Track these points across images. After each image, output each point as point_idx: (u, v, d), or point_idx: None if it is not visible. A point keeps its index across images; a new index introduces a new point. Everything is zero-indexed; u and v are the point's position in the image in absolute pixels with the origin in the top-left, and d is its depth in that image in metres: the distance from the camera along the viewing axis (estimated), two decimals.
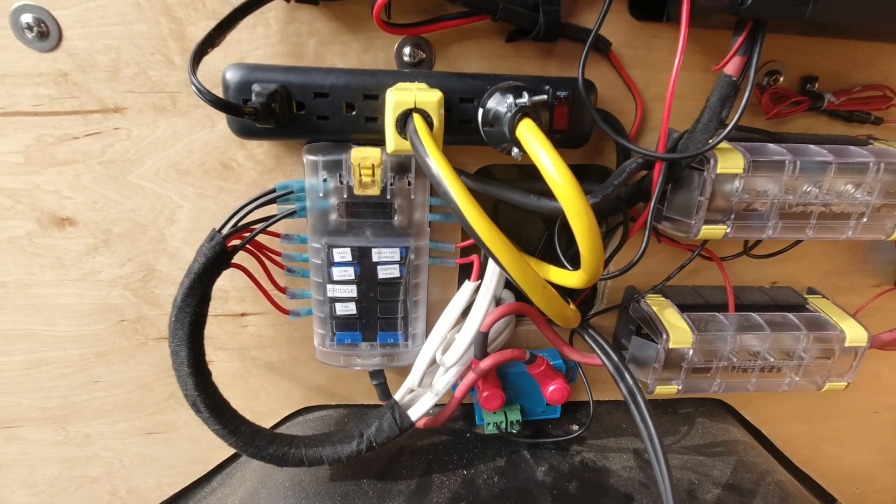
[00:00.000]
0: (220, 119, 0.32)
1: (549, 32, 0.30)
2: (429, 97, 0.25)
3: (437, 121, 0.26)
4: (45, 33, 0.29)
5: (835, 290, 0.43)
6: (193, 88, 0.25)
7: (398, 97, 0.25)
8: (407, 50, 0.31)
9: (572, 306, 0.32)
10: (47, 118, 0.31)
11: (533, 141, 0.24)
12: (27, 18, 0.29)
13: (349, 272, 0.34)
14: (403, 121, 0.25)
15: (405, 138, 0.26)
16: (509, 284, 0.37)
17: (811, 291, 0.43)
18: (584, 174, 0.38)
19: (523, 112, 0.26)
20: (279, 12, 0.30)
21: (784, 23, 0.28)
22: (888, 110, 0.37)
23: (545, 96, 0.26)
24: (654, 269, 0.40)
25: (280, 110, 0.28)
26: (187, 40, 0.30)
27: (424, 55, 0.32)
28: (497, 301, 0.38)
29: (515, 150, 0.27)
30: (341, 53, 0.31)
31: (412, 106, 0.25)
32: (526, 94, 0.26)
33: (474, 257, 0.35)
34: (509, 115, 0.26)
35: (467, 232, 0.24)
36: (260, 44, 0.31)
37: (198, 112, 0.32)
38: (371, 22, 0.29)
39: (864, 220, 0.34)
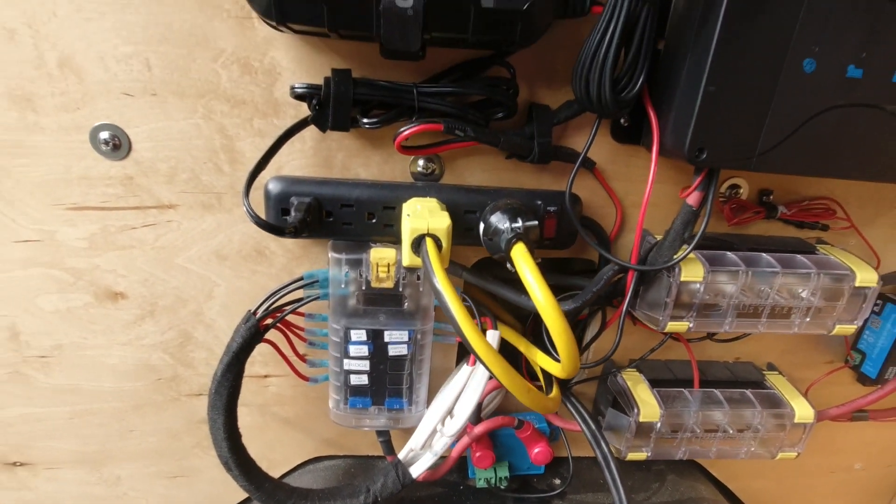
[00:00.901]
0: (258, 207, 0.37)
1: (543, 157, 0.35)
2: (439, 223, 0.31)
3: (446, 243, 0.31)
4: (118, 146, 0.35)
5: (792, 367, 0.49)
6: (246, 212, 0.30)
7: (414, 224, 0.30)
8: (421, 163, 0.37)
9: (554, 393, 0.37)
10: (112, 212, 0.37)
11: (523, 265, 0.30)
12: (104, 135, 0.34)
13: (364, 350, 0.39)
14: (418, 243, 0.31)
15: (418, 256, 0.31)
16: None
17: (770, 367, 0.48)
18: (571, 265, 0.44)
19: (517, 236, 0.31)
20: (314, 132, 0.36)
21: None
22: (833, 220, 0.42)
23: (535, 222, 0.32)
24: (631, 346, 0.45)
25: (312, 220, 0.34)
26: (235, 152, 0.36)
27: (435, 167, 0.37)
28: None
29: (509, 264, 0.32)
30: (364, 165, 0.37)
31: (425, 231, 0.30)
32: (520, 220, 0.32)
33: None
34: (506, 236, 0.32)
35: (463, 343, 0.29)
36: (296, 156, 0.36)
37: (240, 209, 0.37)
38: (391, 140, 0.35)
39: (808, 318, 0.39)
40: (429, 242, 0.30)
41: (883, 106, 0.30)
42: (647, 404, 0.41)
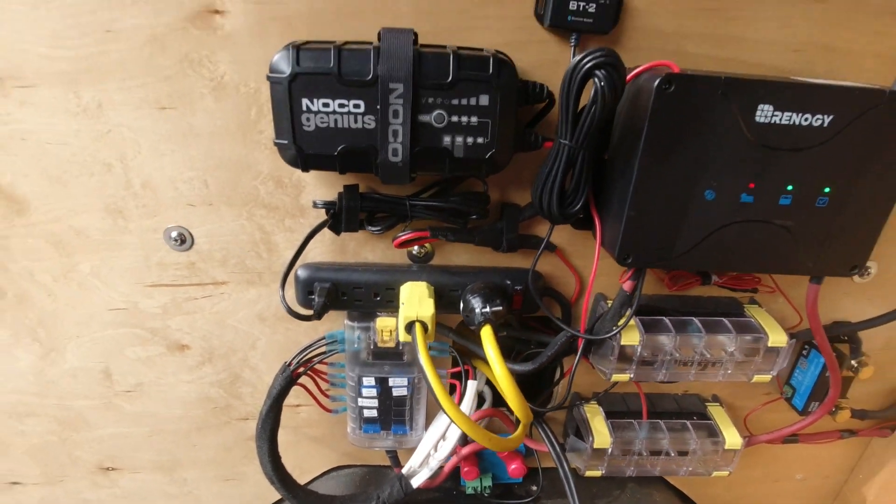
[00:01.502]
0: (290, 288, 0.48)
1: (510, 249, 0.45)
2: (426, 312, 0.40)
3: (431, 326, 0.41)
4: (184, 241, 0.45)
5: (735, 397, 0.58)
6: (282, 304, 0.40)
7: (406, 313, 0.40)
8: (416, 248, 0.47)
9: (516, 433, 0.46)
10: (180, 288, 0.48)
11: (487, 344, 0.40)
12: (174, 233, 0.45)
13: (373, 391, 0.49)
14: (409, 326, 0.41)
15: (410, 335, 0.41)
16: (489, 382, 0.53)
17: (714, 398, 0.57)
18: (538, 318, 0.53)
19: (486, 319, 0.41)
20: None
21: None
22: (760, 285, 0.50)
23: (500, 307, 0.41)
24: (594, 380, 0.55)
25: (330, 300, 0.44)
26: (271, 243, 0.46)
27: (428, 250, 0.47)
28: (480, 394, 0.53)
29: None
30: (371, 251, 0.47)
31: (415, 318, 0.40)
32: (488, 306, 0.41)
33: (458, 386, 0.50)
34: (478, 318, 0.41)
35: (438, 406, 0.39)
36: (319, 246, 0.46)
37: (275, 284, 0.48)
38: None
39: (730, 371, 0.48)
40: (417, 327, 0.40)
41: (772, 221, 0.39)
42: (601, 434, 0.51)
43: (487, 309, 0.41)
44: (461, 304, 0.44)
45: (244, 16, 0.38)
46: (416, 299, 0.42)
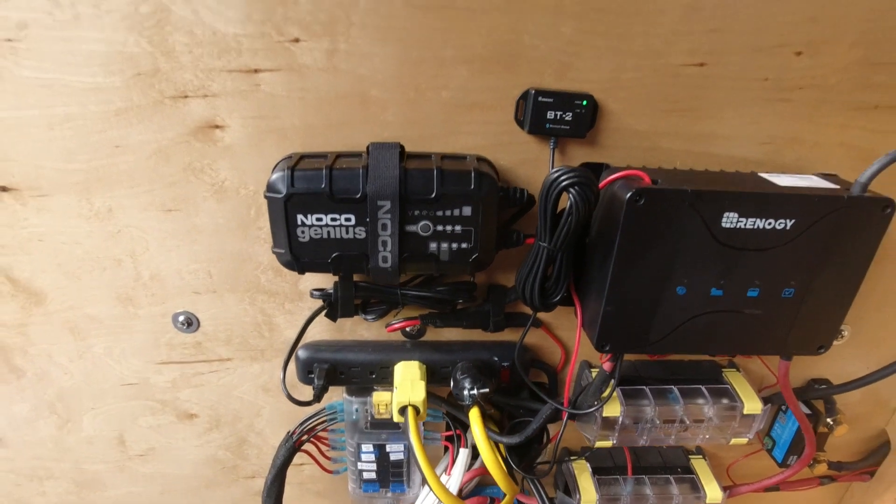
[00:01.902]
0: (291, 366, 0.50)
1: (496, 329, 0.47)
2: (417, 396, 0.43)
3: (423, 409, 0.43)
4: (191, 324, 0.48)
5: (718, 448, 0.60)
6: (283, 390, 0.43)
7: (399, 398, 0.43)
8: (408, 329, 0.49)
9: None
10: (188, 364, 0.51)
11: (475, 425, 0.42)
12: (181, 318, 0.48)
13: (371, 457, 0.52)
14: (402, 409, 0.43)
15: (403, 417, 0.44)
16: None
17: (698, 450, 0.60)
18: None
19: (474, 402, 0.44)
20: None
21: None
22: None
23: (487, 389, 0.44)
24: (583, 436, 0.57)
25: (328, 380, 0.47)
26: (273, 324, 0.49)
27: (420, 328, 0.50)
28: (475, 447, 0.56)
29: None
30: (367, 329, 0.50)
31: (407, 403, 0.43)
32: (475, 388, 0.44)
33: (450, 448, 0.53)
34: (466, 401, 0.44)
35: (427, 485, 0.42)
36: (318, 327, 0.49)
37: (277, 360, 0.51)
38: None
39: (708, 435, 0.50)
40: (410, 411, 0.43)
41: (741, 310, 0.41)
42: (587, 491, 0.54)
43: (475, 391, 0.44)
44: (451, 382, 0.47)
45: (242, 129, 0.40)
46: (408, 382, 0.45)
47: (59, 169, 0.41)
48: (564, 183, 0.36)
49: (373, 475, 0.54)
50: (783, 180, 0.41)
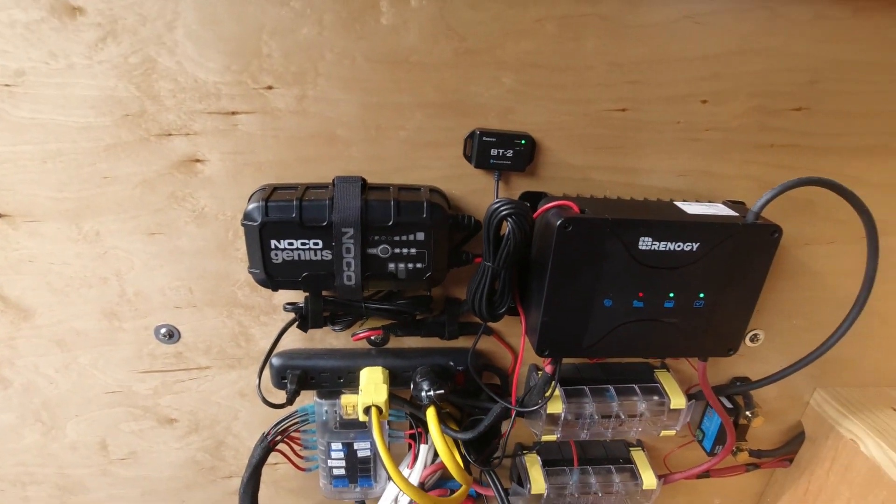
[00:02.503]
0: (266, 373, 0.55)
1: (451, 337, 0.53)
2: (380, 397, 0.48)
3: (385, 409, 0.49)
4: (172, 336, 0.52)
5: (656, 441, 0.67)
6: (258, 395, 0.48)
7: (363, 399, 0.48)
8: (372, 338, 0.54)
9: (458, 493, 0.55)
10: (168, 373, 0.55)
11: (431, 424, 0.48)
12: (163, 330, 0.52)
13: (341, 454, 0.57)
14: (367, 410, 0.48)
15: (367, 417, 0.49)
16: None
17: (639, 443, 0.67)
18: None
19: (431, 402, 0.49)
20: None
21: None
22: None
23: (442, 391, 0.50)
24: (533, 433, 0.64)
25: (300, 385, 0.51)
26: (249, 335, 0.53)
27: (383, 337, 0.55)
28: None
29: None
30: (335, 337, 0.55)
31: (371, 404, 0.48)
32: (432, 390, 0.49)
33: (413, 445, 0.58)
34: (424, 402, 0.49)
35: (390, 479, 0.47)
36: (288, 335, 0.54)
37: (253, 367, 0.55)
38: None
39: (640, 428, 0.57)
40: (373, 411, 0.48)
41: (660, 319, 0.48)
42: (537, 481, 0.60)
43: (431, 393, 0.50)
44: (412, 385, 0.53)
45: (221, 163, 0.45)
46: (372, 385, 0.50)
47: (51, 197, 0.45)
48: (503, 213, 0.42)
49: (342, 471, 0.59)
50: (693, 208, 0.48)
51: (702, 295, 0.47)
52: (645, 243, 0.44)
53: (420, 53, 0.42)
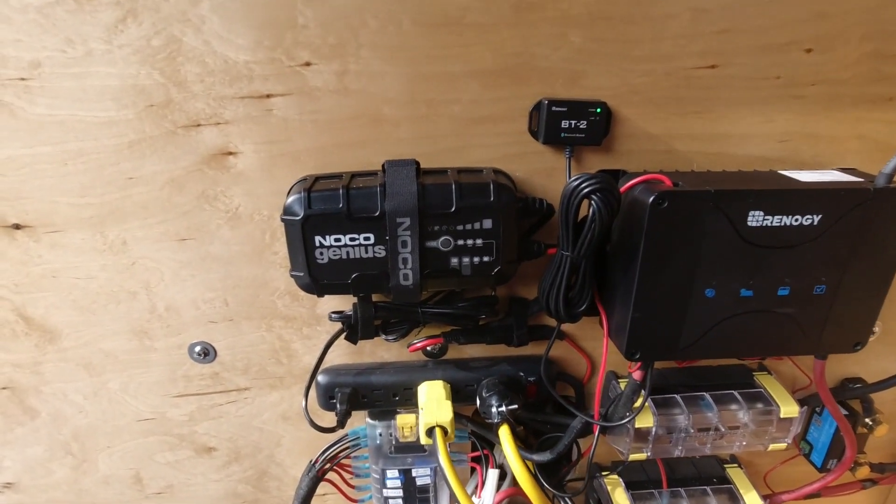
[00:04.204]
0: (312, 392, 0.49)
1: (520, 343, 0.46)
2: (444, 416, 0.42)
3: (451, 430, 0.42)
4: (207, 354, 0.47)
5: (753, 455, 0.58)
6: (305, 417, 0.42)
7: (426, 419, 0.42)
8: (429, 348, 0.48)
9: None
10: (205, 396, 0.49)
11: (506, 444, 0.41)
12: (197, 349, 0.47)
13: (397, 483, 0.51)
14: (430, 431, 0.42)
15: (430, 439, 0.42)
16: None
17: (733, 459, 0.58)
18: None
19: (504, 419, 0.42)
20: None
21: None
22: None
23: (515, 406, 0.43)
24: (613, 449, 0.56)
25: (351, 405, 0.45)
26: (290, 350, 0.48)
27: (442, 346, 0.48)
28: (502, 467, 0.54)
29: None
30: (387, 350, 0.49)
31: (434, 424, 0.42)
32: (504, 405, 0.43)
33: (478, 469, 0.51)
34: (494, 419, 0.43)
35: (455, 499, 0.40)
36: (337, 350, 0.48)
37: (297, 386, 0.50)
38: None
39: (745, 442, 0.49)
40: (438, 432, 0.41)
41: (773, 310, 0.40)
42: None
43: (503, 408, 0.43)
44: (477, 400, 0.46)
45: (255, 154, 0.40)
46: (434, 403, 0.43)
47: (72, 204, 0.40)
48: (586, 190, 0.35)
49: (399, 502, 0.52)
50: (804, 176, 0.40)
51: (823, 279, 0.39)
52: (755, 218, 0.37)
53: (475, 12, 0.37)
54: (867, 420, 0.53)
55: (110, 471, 0.53)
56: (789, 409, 0.48)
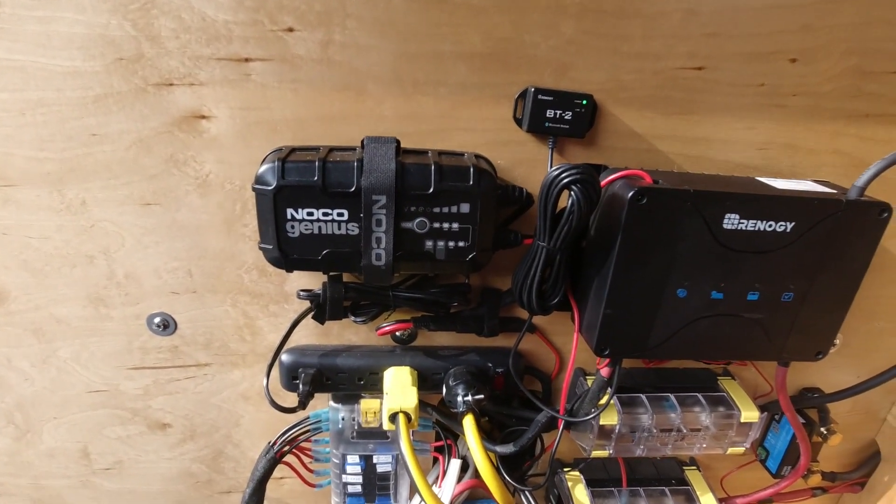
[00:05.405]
0: (275, 372, 0.48)
1: (491, 334, 0.46)
2: (409, 403, 0.41)
3: (415, 416, 0.41)
4: (167, 326, 0.45)
5: (711, 459, 0.59)
6: (266, 397, 0.41)
7: (390, 404, 0.41)
8: (398, 333, 0.47)
9: None
10: (162, 370, 0.47)
11: (469, 433, 0.41)
12: (157, 320, 0.45)
13: (357, 468, 0.50)
14: (393, 416, 0.41)
15: (393, 425, 0.41)
16: None
17: (692, 461, 0.59)
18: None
19: (469, 408, 0.42)
20: None
21: None
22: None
23: (481, 396, 0.42)
24: (575, 447, 0.56)
25: (314, 387, 0.44)
26: (255, 328, 0.46)
27: (411, 332, 0.48)
28: (464, 459, 0.53)
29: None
30: (355, 333, 0.47)
31: (398, 410, 0.41)
32: (469, 394, 0.42)
33: (441, 459, 0.50)
34: (460, 407, 0.42)
35: (419, 495, 0.40)
36: (303, 330, 0.47)
37: (259, 365, 0.48)
38: None
39: (705, 444, 0.49)
40: (401, 418, 0.41)
41: (741, 314, 0.40)
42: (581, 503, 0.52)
43: (469, 398, 0.42)
44: (444, 388, 0.45)
45: (230, 120, 0.38)
46: (399, 388, 0.43)
47: (29, 157, 0.38)
48: (566, 180, 0.35)
49: (358, 488, 0.51)
50: (781, 184, 0.41)
51: (791, 287, 0.40)
52: (731, 221, 0.37)
53: None
54: (822, 429, 0.55)
55: (56, 443, 0.50)
56: (750, 413, 0.49)
